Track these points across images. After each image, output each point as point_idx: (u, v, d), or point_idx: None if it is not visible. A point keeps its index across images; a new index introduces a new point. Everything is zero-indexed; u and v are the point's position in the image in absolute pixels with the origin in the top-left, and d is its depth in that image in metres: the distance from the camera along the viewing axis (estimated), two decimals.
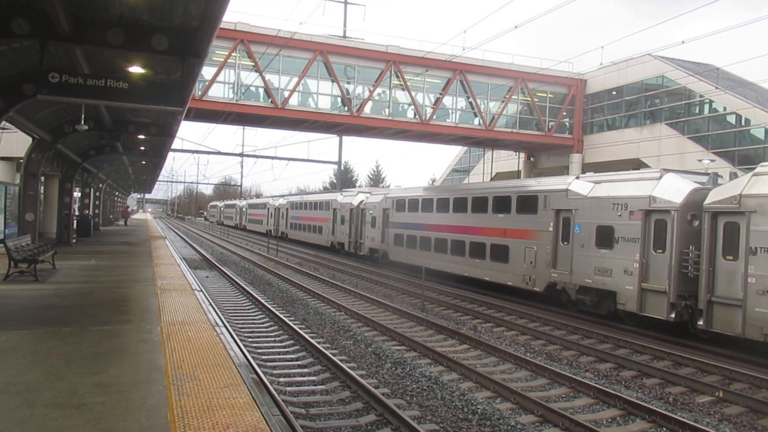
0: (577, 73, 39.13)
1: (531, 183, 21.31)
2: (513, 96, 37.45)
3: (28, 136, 20.93)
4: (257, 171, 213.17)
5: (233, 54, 31.37)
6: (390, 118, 34.95)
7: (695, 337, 14.06)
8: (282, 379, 9.97)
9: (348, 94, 33.99)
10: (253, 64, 31.62)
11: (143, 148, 27.70)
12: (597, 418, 8.87)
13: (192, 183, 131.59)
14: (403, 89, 34.83)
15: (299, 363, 11.07)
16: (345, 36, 37.08)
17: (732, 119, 32.51)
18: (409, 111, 35.52)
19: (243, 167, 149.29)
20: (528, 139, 38.91)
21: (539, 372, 11.09)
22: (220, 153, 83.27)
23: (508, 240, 20.33)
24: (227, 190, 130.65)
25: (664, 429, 8.44)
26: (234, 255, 35.40)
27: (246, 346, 11.61)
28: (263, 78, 31.98)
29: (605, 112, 39.44)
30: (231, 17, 32.19)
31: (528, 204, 19.51)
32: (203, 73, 28.61)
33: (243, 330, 13.66)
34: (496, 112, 37.25)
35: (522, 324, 15.92)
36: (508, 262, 20.23)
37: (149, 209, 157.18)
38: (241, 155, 66.14)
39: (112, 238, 33.74)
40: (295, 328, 13.48)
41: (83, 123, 17.73)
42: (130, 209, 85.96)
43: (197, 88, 28.54)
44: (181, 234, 58.72)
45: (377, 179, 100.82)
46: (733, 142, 32.14)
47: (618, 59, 37.55)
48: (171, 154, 56.66)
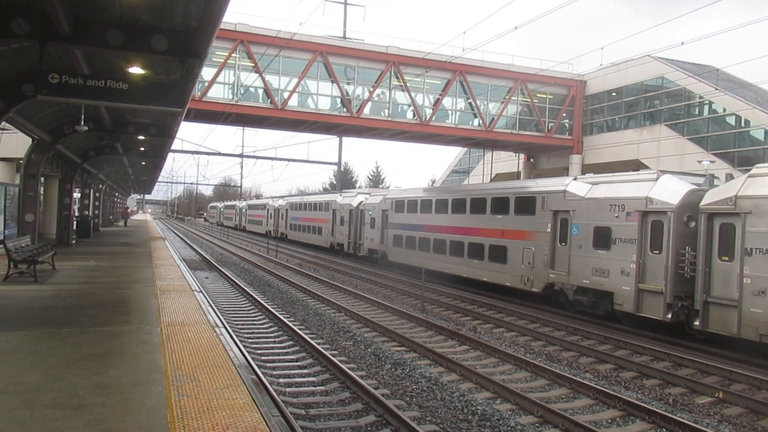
0: (577, 74, 39.17)
1: (529, 184, 21.35)
2: (513, 97, 37.48)
3: (27, 136, 20.93)
4: (257, 172, 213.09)
5: (233, 55, 31.40)
6: (390, 119, 34.96)
7: (692, 338, 14.10)
8: (282, 380, 9.97)
9: (348, 95, 34.00)
10: (253, 64, 31.65)
11: (143, 148, 27.72)
12: (597, 418, 8.87)
13: (192, 184, 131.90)
14: (403, 90, 34.85)
15: (299, 364, 11.07)
16: (345, 37, 37.08)
17: (732, 120, 32.52)
18: (409, 112, 35.54)
19: (243, 168, 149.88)
20: (528, 140, 38.94)
21: (539, 373, 11.09)
22: (219, 154, 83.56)
23: (506, 241, 20.33)
24: (227, 191, 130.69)
25: (663, 430, 8.44)
26: (233, 256, 35.40)
27: (246, 347, 11.61)
28: (263, 79, 32.00)
29: (605, 113, 39.46)
30: (231, 18, 32.25)
31: (526, 205, 19.53)
32: (203, 74, 28.60)
33: (243, 331, 13.65)
34: (495, 113, 37.26)
35: (522, 325, 15.92)
36: (506, 262, 20.23)
37: (149, 210, 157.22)
38: (241, 156, 66.11)
39: (111, 238, 33.72)
40: (295, 329, 13.48)
41: (83, 124, 17.74)
42: (129, 210, 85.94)
43: (197, 88, 28.56)
44: (181, 235, 58.70)
45: (377, 180, 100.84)
46: (733, 143, 32.16)
47: (618, 60, 37.64)
48: (171, 154, 56.85)
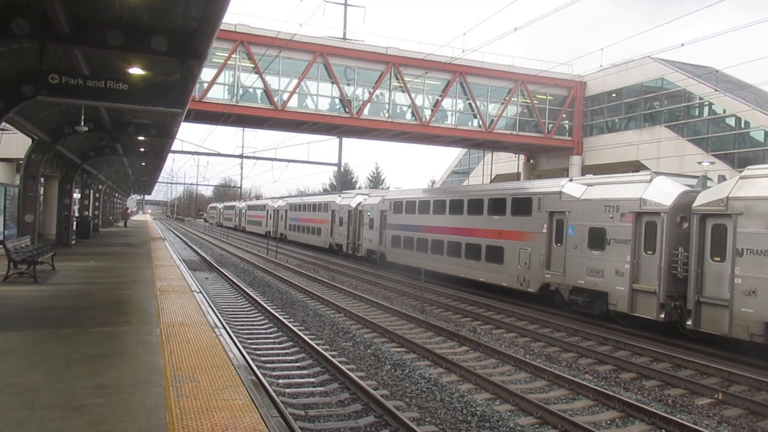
0: (577, 75, 39.16)
1: (525, 185, 21.62)
2: (513, 98, 37.48)
3: (27, 137, 20.93)
4: (257, 173, 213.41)
5: (233, 55, 31.39)
6: (389, 119, 34.96)
7: (685, 337, 14.24)
8: (281, 381, 9.96)
9: (348, 96, 33.99)
10: (253, 65, 31.65)
11: (143, 149, 27.72)
12: (596, 419, 8.87)
13: (192, 184, 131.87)
14: (403, 91, 34.85)
15: (298, 365, 11.07)
16: (345, 38, 37.10)
17: (731, 122, 32.52)
18: (408, 113, 35.53)
19: (243, 169, 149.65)
20: (528, 141, 38.93)
21: (538, 374, 11.09)
22: (219, 154, 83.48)
23: (503, 241, 20.44)
24: (227, 191, 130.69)
25: (663, 431, 8.44)
26: (233, 257, 35.40)
27: (245, 347, 11.61)
28: (263, 79, 32.00)
29: (605, 114, 39.46)
30: (231, 18, 32.19)
31: (522, 206, 19.66)
32: (203, 75, 28.59)
33: (242, 332, 13.65)
34: (495, 114, 37.27)
35: (521, 326, 15.92)
36: (503, 263, 20.36)
37: (149, 211, 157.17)
38: (241, 157, 66.06)
39: (111, 239, 33.71)
40: (295, 329, 13.47)
41: (83, 124, 17.75)
42: (129, 211, 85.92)
43: (197, 89, 28.55)
44: (181, 235, 58.68)
45: (377, 181, 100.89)
46: (733, 144, 32.16)
47: (618, 61, 37.58)
48: (171, 155, 56.85)
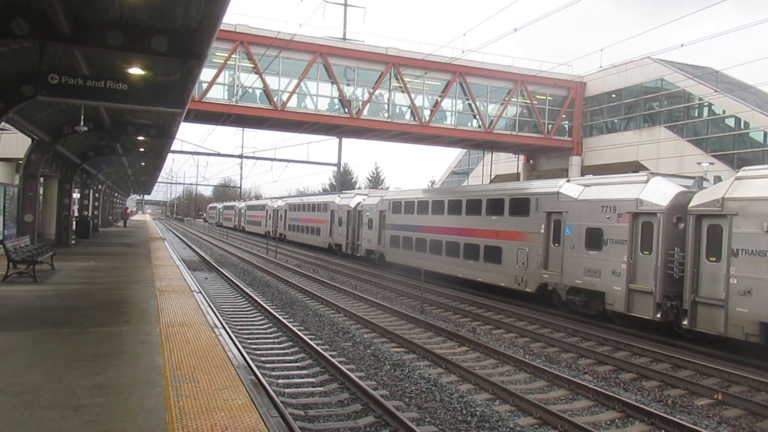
0: (577, 76, 39.15)
1: (523, 186, 21.78)
2: (512, 98, 37.48)
3: (27, 137, 20.93)
4: (257, 173, 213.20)
5: (233, 56, 31.39)
6: (389, 120, 34.96)
7: (681, 337, 14.32)
8: (281, 381, 9.96)
9: (348, 96, 33.97)
10: (253, 65, 31.64)
11: (143, 149, 27.71)
12: (596, 420, 8.87)
13: (191, 184, 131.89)
14: (403, 91, 34.85)
15: (298, 365, 11.07)
16: (345, 38, 37.10)
17: (731, 122, 32.53)
18: (408, 113, 35.52)
19: (242, 169, 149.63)
20: (527, 142, 38.93)
21: (538, 374, 11.10)
22: (219, 154, 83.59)
23: (501, 242, 20.52)
24: (226, 191, 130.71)
25: (662, 431, 8.44)
26: (233, 257, 35.39)
27: (245, 347, 11.61)
28: (263, 80, 31.99)
29: (605, 114, 39.48)
30: (231, 19, 32.19)
31: (520, 206, 19.75)
32: (202, 75, 28.59)
33: (242, 332, 13.65)
34: (495, 114, 37.27)
35: (521, 326, 15.93)
36: (501, 263, 20.44)
37: (148, 210, 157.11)
38: (241, 157, 66.06)
39: (111, 239, 33.70)
40: (294, 329, 13.47)
41: (83, 124, 17.74)
42: (129, 211, 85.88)
43: (197, 89, 28.54)
44: (180, 235, 58.66)
45: (376, 181, 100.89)
46: (733, 145, 32.17)
47: (617, 62, 37.58)
48: (170, 155, 56.82)
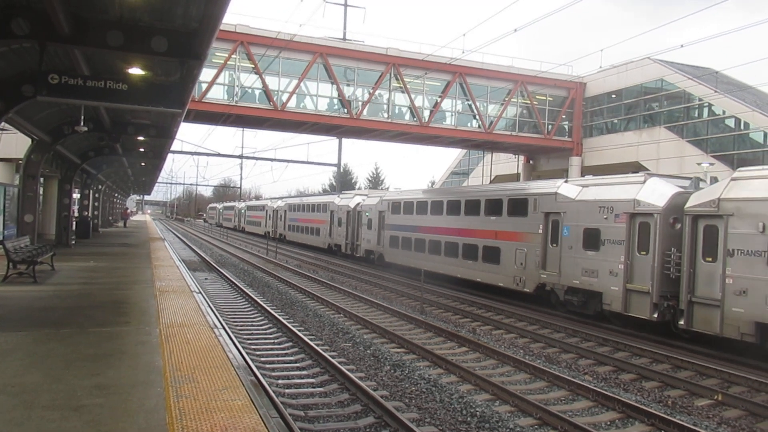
0: (577, 76, 39.15)
1: (521, 186, 21.94)
2: (512, 99, 37.48)
3: (27, 137, 20.92)
4: (257, 173, 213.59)
5: (233, 56, 31.38)
6: (389, 120, 34.95)
7: (678, 337, 14.38)
8: (281, 381, 9.96)
9: (348, 96, 33.96)
10: (253, 66, 31.64)
11: (142, 149, 27.71)
12: (596, 420, 8.87)
13: (191, 185, 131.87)
14: (403, 92, 34.85)
15: (298, 365, 11.06)
16: (345, 38, 37.09)
17: (731, 123, 32.53)
18: (407, 113, 35.50)
19: (242, 169, 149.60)
20: (527, 142, 38.93)
21: (538, 375, 11.09)
22: (219, 155, 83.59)
23: (499, 242, 20.59)
24: (226, 192, 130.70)
25: None
26: (233, 257, 35.39)
27: (245, 348, 11.61)
28: (263, 80, 31.99)
29: (605, 115, 39.48)
30: (231, 19, 32.19)
31: (519, 207, 19.83)
32: (202, 75, 28.59)
33: (242, 332, 13.64)
34: (495, 114, 37.27)
35: (521, 327, 15.94)
36: (499, 263, 20.52)
37: (148, 211, 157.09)
38: (241, 157, 66.02)
39: (111, 239, 33.69)
40: (294, 330, 13.47)
41: (82, 124, 17.73)
42: (129, 211, 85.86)
43: (197, 89, 28.54)
44: (180, 236, 58.66)
45: (376, 181, 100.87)
46: (732, 145, 32.17)
47: (617, 62, 37.60)
48: (170, 155, 56.81)
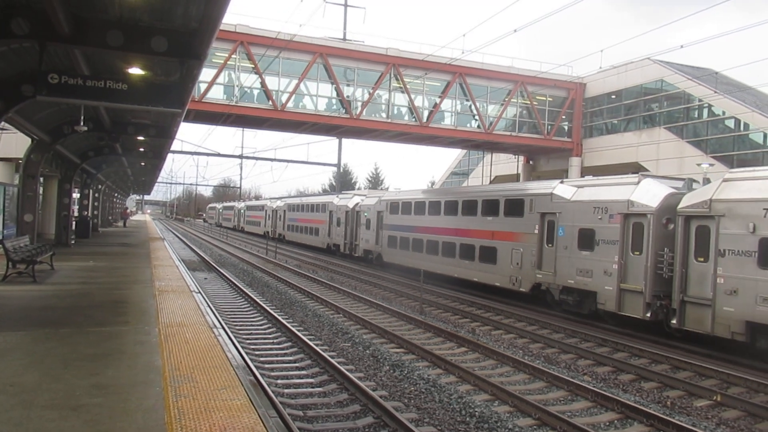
0: (577, 77, 39.15)
1: (518, 187, 22.19)
2: (512, 99, 37.48)
3: (27, 136, 20.92)
4: (256, 173, 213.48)
5: (233, 56, 31.38)
6: (389, 120, 34.95)
7: (670, 336, 14.51)
8: (280, 381, 9.96)
9: (348, 96, 33.95)
10: (253, 66, 31.63)
11: (142, 149, 27.70)
12: (595, 421, 8.88)
13: (191, 185, 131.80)
14: (403, 92, 34.84)
15: (297, 365, 11.06)
16: (345, 38, 37.09)
17: (731, 123, 32.54)
18: (407, 114, 35.49)
19: (242, 169, 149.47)
20: (527, 143, 38.94)
21: (537, 375, 11.10)
22: (219, 155, 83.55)
23: (496, 242, 20.71)
24: (226, 191, 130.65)
25: None
26: (232, 257, 35.39)
27: (244, 348, 11.60)
28: (263, 80, 31.98)
29: (604, 115, 39.48)
30: (231, 19, 32.18)
31: (515, 207, 19.95)
32: (202, 75, 28.57)
33: (241, 332, 13.65)
34: (495, 115, 37.27)
35: (520, 327, 15.95)
36: (495, 263, 20.64)
37: (148, 211, 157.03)
38: (241, 157, 65.98)
39: (110, 239, 33.69)
40: (294, 330, 13.47)
41: (82, 124, 17.72)
42: (128, 211, 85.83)
43: (197, 89, 28.54)
44: (180, 236, 58.65)
45: (376, 182, 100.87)
46: (732, 146, 32.18)
47: (617, 63, 37.61)
48: (170, 155, 56.74)
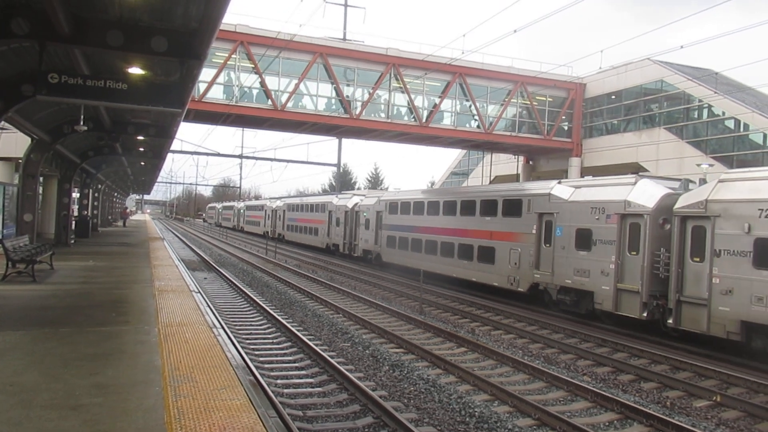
0: (577, 77, 39.14)
1: (516, 187, 22.31)
2: (512, 99, 37.48)
3: (27, 136, 20.92)
4: (256, 173, 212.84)
5: (233, 56, 31.37)
6: (389, 120, 34.95)
7: (666, 335, 14.57)
8: (279, 381, 9.96)
9: (348, 96, 33.94)
10: (253, 66, 31.63)
11: (142, 149, 27.71)
12: (594, 421, 8.88)
13: (191, 184, 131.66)
14: (403, 92, 34.84)
15: (297, 365, 11.06)
16: (345, 38, 37.09)
17: (731, 124, 32.54)
18: (406, 114, 35.48)
19: (242, 169, 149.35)
20: (527, 143, 38.94)
21: (537, 375, 11.10)
22: (219, 155, 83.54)
23: (494, 242, 20.77)
24: (226, 191, 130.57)
25: None
26: (232, 257, 35.38)
27: (243, 347, 11.60)
28: (263, 80, 31.98)
29: (604, 116, 39.48)
30: (231, 19, 32.17)
31: (513, 207, 20.01)
32: (202, 75, 28.55)
33: (240, 332, 13.64)
34: (495, 115, 37.27)
35: (519, 327, 15.95)
36: (494, 263, 20.70)
37: (148, 210, 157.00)
38: (241, 157, 65.93)
39: (110, 239, 33.68)
40: (293, 330, 13.47)
41: (82, 124, 17.72)
42: (128, 210, 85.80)
43: (197, 89, 28.53)
44: (180, 235, 58.65)
45: (376, 182, 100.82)
46: (732, 146, 32.19)
47: (617, 63, 37.62)
48: (170, 155, 56.66)
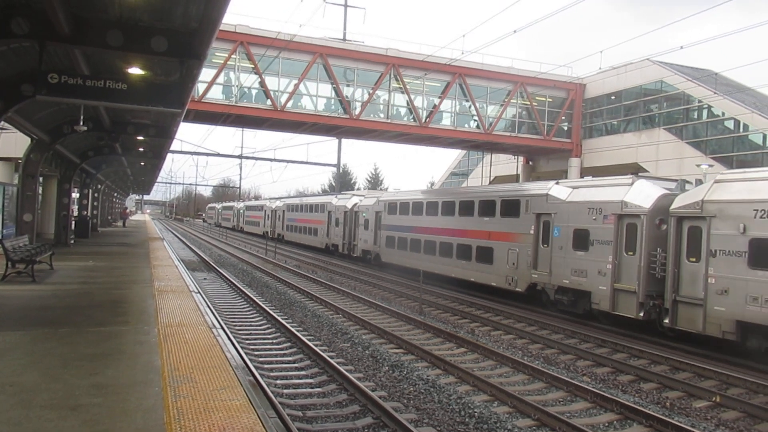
0: (576, 78, 39.15)
1: (514, 188, 22.48)
2: (512, 100, 37.49)
3: (26, 136, 20.91)
4: (256, 173, 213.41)
5: (233, 56, 31.37)
6: (389, 120, 34.95)
7: (663, 335, 14.64)
8: (279, 382, 9.96)
9: (348, 97, 33.94)
10: (253, 66, 31.63)
11: (142, 149, 27.70)
12: (594, 422, 8.88)
13: (191, 185, 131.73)
14: (402, 92, 34.84)
15: (296, 366, 11.06)
16: (345, 39, 37.09)
17: (730, 124, 32.55)
18: (405, 114, 35.48)
19: (242, 169, 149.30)
20: (527, 143, 38.95)
21: (536, 376, 11.10)
22: (219, 155, 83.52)
23: (492, 242, 20.84)
24: (226, 191, 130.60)
25: None
26: (232, 257, 35.38)
27: (243, 348, 11.60)
28: (263, 80, 31.98)
29: (604, 116, 39.49)
30: (231, 19, 32.19)
31: (511, 208, 20.09)
32: (202, 75, 28.55)
33: (240, 332, 13.65)
34: (494, 115, 37.27)
35: (519, 328, 15.95)
36: (492, 263, 20.77)
37: (148, 210, 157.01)
38: (240, 157, 65.91)
39: (110, 239, 33.68)
40: (293, 330, 13.47)
41: (82, 124, 17.72)
42: (128, 210, 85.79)
43: (196, 89, 28.53)
44: (179, 236, 58.65)
45: (375, 182, 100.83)
46: (732, 147, 32.20)
47: (617, 64, 37.63)
48: (170, 155, 56.67)
